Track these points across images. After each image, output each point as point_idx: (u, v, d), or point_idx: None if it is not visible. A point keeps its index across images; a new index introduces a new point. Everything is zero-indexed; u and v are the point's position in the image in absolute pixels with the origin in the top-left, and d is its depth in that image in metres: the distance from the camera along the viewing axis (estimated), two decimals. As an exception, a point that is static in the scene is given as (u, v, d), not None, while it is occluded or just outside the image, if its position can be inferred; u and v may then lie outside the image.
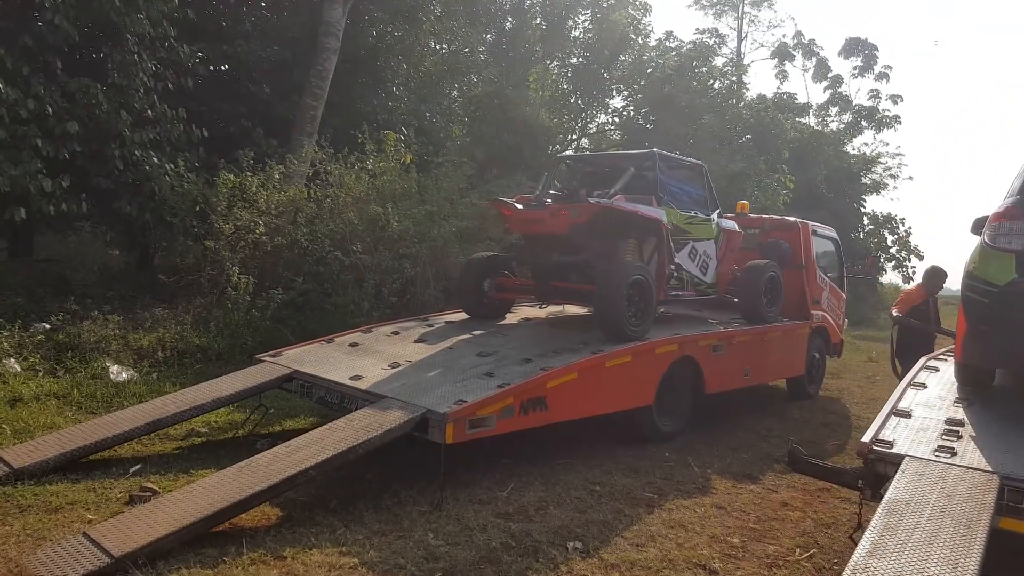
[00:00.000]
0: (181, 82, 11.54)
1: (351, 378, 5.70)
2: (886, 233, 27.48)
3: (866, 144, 33.48)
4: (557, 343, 6.39)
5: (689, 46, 19.39)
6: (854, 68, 35.66)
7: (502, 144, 14.69)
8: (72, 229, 13.10)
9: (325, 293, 9.82)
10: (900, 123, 33.23)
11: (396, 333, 7.12)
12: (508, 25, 25.04)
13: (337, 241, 10.16)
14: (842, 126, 33.19)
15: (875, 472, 3.85)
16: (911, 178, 34.65)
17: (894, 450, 3.85)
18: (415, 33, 17.83)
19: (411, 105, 17.60)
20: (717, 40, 31.54)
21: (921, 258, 28.76)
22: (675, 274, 7.41)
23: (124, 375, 7.61)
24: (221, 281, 10.13)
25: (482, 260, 7.79)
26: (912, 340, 7.72)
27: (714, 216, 7.96)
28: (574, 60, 19.59)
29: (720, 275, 8.14)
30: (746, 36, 32.50)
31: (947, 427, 4.14)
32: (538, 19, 23.16)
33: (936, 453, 3.78)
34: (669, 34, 20.54)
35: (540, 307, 8.12)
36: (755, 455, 6.72)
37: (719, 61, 19.74)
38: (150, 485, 4.82)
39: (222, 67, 14.77)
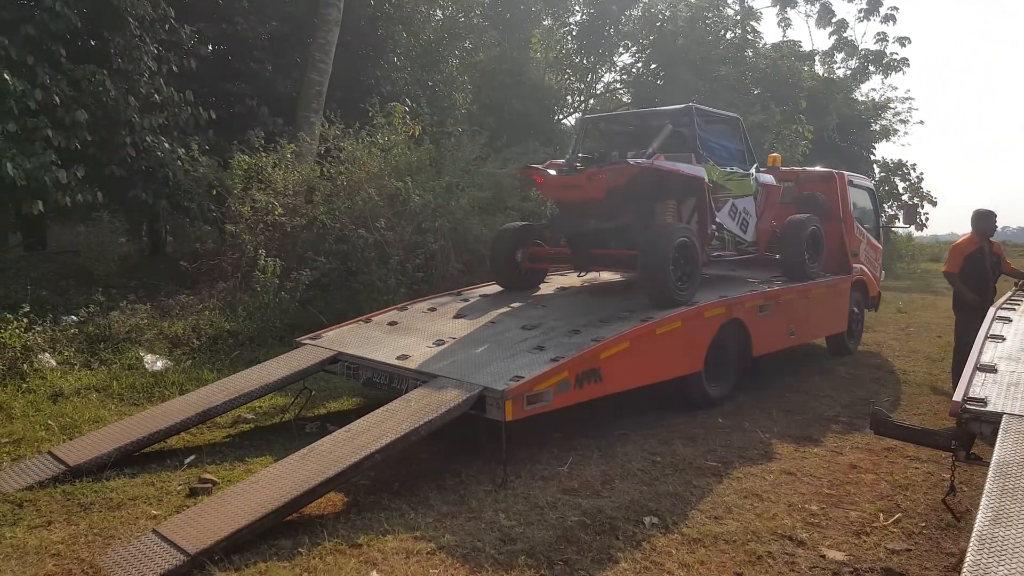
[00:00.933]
0: (184, 64, 11.31)
1: (398, 358, 5.61)
2: (897, 180, 27.19)
3: (874, 90, 33.12)
4: (602, 312, 6.28)
5: (696, -2, 18.96)
6: (859, 11, 34.81)
7: (512, 110, 14.41)
8: (90, 220, 12.93)
9: (350, 272, 9.70)
10: (908, 66, 32.58)
11: (433, 309, 7.01)
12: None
13: (358, 218, 10.01)
14: (849, 72, 32.62)
15: (969, 432, 3.75)
16: (922, 122, 34.37)
17: (989, 408, 3.74)
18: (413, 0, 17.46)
19: (415, 75, 17.30)
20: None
21: (934, 204, 28.48)
22: (716, 234, 7.25)
23: (159, 364, 7.54)
24: (243, 264, 10.03)
25: (514, 230, 7.64)
26: (966, 281, 7.53)
27: (752, 171, 7.78)
28: (577, 17, 19.12)
29: (760, 232, 7.97)
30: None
31: (1039, 381, 4.03)
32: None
33: (1036, 409, 3.67)
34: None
35: (579, 275, 8.00)
36: (810, 416, 6.63)
37: (729, 11, 19.27)
38: (209, 476, 4.76)
39: (222, 47, 14.51)
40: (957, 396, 3.93)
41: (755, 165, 7.95)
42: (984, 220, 7.47)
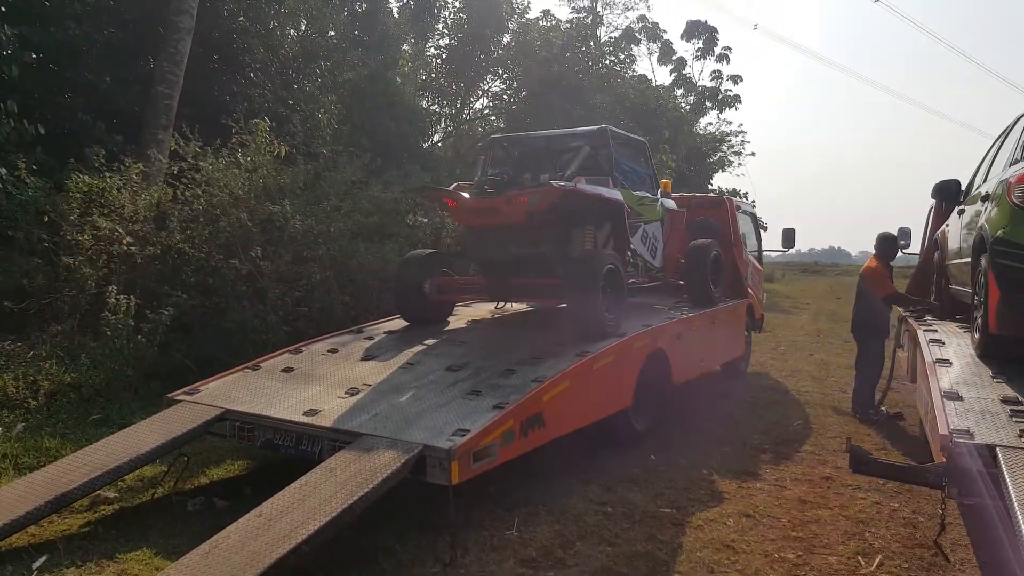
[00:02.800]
0: (4, 71, 9.65)
1: (306, 413, 4.72)
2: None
3: (710, 124, 35.13)
4: (530, 347, 5.70)
5: (567, 25, 19.08)
6: (696, 50, 37.28)
7: (387, 132, 13.63)
8: None
9: (218, 309, 8.49)
10: (740, 102, 35.10)
11: (334, 351, 6.13)
12: (361, 7, 23.66)
13: (224, 246, 8.84)
14: (688, 107, 34.57)
15: (961, 467, 3.49)
16: (753, 154, 36.85)
17: (977, 441, 3.52)
18: (270, 12, 16.29)
19: (275, 92, 16.09)
20: (595, 18, 31.73)
21: (765, 229, 30.60)
22: (631, 260, 6.93)
23: (-19, 433, 6.07)
24: (83, 303, 8.57)
25: (421, 258, 6.92)
26: (868, 314, 7.68)
27: (659, 195, 7.56)
28: (444, 41, 18.66)
29: (666, 258, 7.78)
30: (601, 20, 32.90)
31: (1010, 408, 3.88)
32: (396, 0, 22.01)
33: (1025, 440, 3.49)
34: (547, 12, 20.19)
35: (496, 307, 7.43)
36: (736, 447, 6.46)
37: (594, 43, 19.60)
38: (70, 587, 3.66)
39: (50, 54, 12.69)
40: (942, 429, 3.69)
41: (660, 190, 7.77)
42: (889, 244, 7.68)
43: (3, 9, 11.45)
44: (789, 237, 10.60)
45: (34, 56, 11.97)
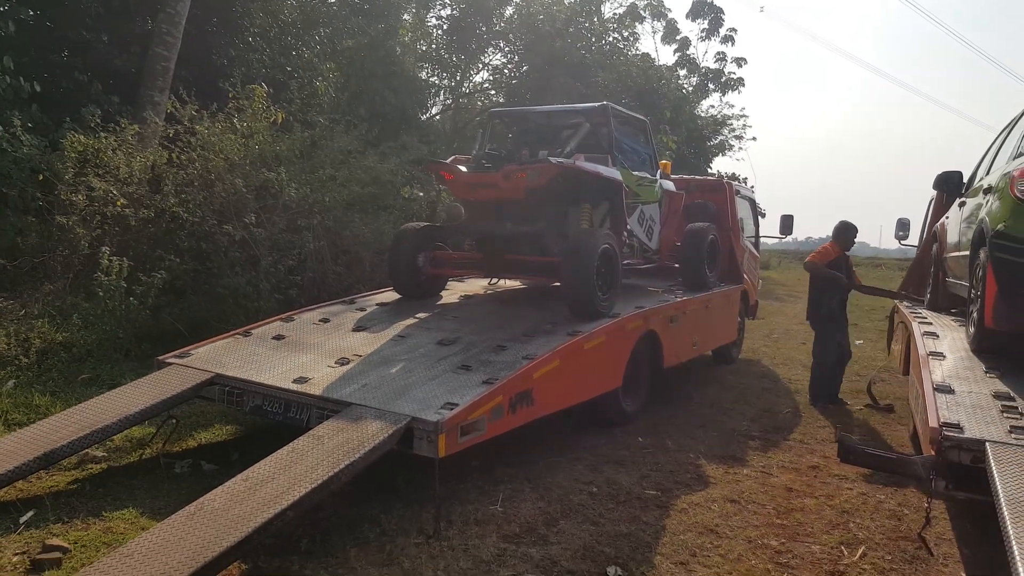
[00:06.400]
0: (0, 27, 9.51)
1: (295, 381, 4.74)
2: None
3: (712, 106, 34.83)
4: (521, 324, 5.72)
5: (571, 1, 18.83)
6: (701, 30, 36.78)
7: (385, 103, 13.50)
8: None
9: (211, 274, 8.48)
10: (744, 85, 34.78)
11: (326, 320, 6.13)
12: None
13: (218, 212, 8.78)
14: (691, 89, 34.28)
15: (948, 461, 3.53)
16: (755, 139, 36.72)
17: (967, 435, 3.55)
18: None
19: (272, 58, 15.91)
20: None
21: (763, 215, 30.55)
22: (627, 241, 6.92)
23: (-29, 388, 6.07)
24: (76, 263, 8.54)
25: (415, 231, 6.89)
26: (824, 290, 7.66)
27: (658, 177, 7.53)
28: (446, 12, 18.43)
29: (663, 240, 7.76)
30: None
31: (1002, 403, 3.91)
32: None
33: (1015, 436, 3.51)
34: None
35: (489, 283, 7.42)
36: (724, 432, 6.46)
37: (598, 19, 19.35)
38: (56, 542, 3.69)
39: (47, 11, 12.51)
40: (932, 421, 3.72)
41: (659, 171, 7.74)
42: (847, 233, 7.65)
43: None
44: (787, 224, 10.60)
45: (31, 13, 11.85)
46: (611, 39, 18.74)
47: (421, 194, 11.15)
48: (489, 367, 4.79)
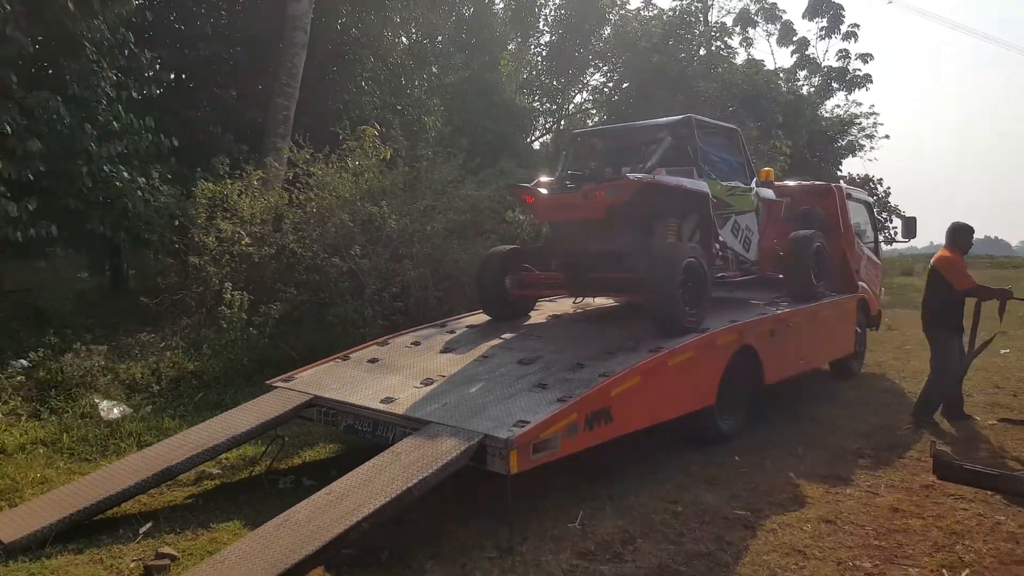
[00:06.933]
0: (145, 91, 10.71)
1: (383, 401, 5.03)
2: (865, 196, 27.30)
3: (838, 106, 33.19)
4: (604, 342, 5.76)
5: (670, 13, 18.76)
6: (820, 29, 35.29)
7: (485, 132, 13.95)
8: (42, 255, 12.18)
9: (322, 304, 9.09)
10: (872, 82, 32.99)
11: (417, 344, 6.45)
12: (468, 11, 24.25)
13: (329, 246, 9.43)
14: (812, 90, 32.85)
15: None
16: (887, 137, 34.24)
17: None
18: (381, 23, 17.04)
19: (383, 99, 16.85)
20: (699, 4, 31.08)
21: (902, 217, 28.64)
22: (720, 253, 6.80)
23: (116, 411, 6.84)
24: (208, 299, 9.40)
25: (501, 254, 7.11)
26: (944, 309, 7.11)
27: (753, 185, 7.36)
28: (545, 39, 18.81)
29: (762, 250, 7.54)
30: (712, 4, 31.83)
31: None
32: (500, 2, 22.41)
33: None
34: (648, 2, 19.88)
35: (574, 302, 7.51)
36: (833, 450, 6.12)
37: (702, 28, 19.11)
38: (168, 550, 4.12)
39: (185, 73, 13.96)
40: None
41: (755, 179, 7.55)
42: (966, 235, 7.10)
43: (151, 34, 12.63)
44: (910, 227, 10.00)
45: (172, 76, 13.23)
46: (714, 47, 18.42)
47: (522, 217, 11.39)
48: (565, 385, 4.87)
